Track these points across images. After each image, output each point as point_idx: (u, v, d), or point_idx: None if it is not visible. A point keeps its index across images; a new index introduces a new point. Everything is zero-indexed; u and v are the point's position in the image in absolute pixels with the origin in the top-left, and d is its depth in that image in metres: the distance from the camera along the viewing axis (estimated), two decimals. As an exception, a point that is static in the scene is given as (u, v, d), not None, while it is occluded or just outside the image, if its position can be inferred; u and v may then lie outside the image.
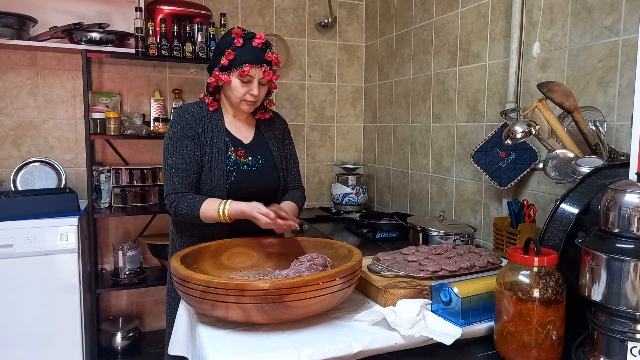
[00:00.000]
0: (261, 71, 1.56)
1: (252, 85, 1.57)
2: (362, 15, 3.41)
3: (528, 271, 0.98)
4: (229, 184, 1.59)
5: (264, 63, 1.56)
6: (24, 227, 2.29)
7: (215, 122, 1.63)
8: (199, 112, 1.63)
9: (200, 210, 1.50)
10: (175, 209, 1.53)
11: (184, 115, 1.61)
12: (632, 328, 0.90)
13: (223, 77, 1.56)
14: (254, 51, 1.55)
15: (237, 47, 1.54)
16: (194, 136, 1.59)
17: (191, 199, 1.52)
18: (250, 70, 1.53)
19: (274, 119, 1.79)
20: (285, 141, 1.80)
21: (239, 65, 1.53)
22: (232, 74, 1.56)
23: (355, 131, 3.48)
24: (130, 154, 2.96)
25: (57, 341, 2.37)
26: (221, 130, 1.63)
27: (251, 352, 1.01)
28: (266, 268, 1.47)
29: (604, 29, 1.65)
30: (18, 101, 2.73)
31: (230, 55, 1.53)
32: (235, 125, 1.69)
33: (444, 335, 1.06)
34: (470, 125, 2.32)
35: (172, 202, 1.54)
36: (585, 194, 1.11)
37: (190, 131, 1.59)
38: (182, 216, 1.54)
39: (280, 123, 1.81)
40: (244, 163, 1.63)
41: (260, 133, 1.73)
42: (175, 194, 1.54)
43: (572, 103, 1.50)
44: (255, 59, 1.54)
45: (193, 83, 3.06)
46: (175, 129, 1.59)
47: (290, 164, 1.78)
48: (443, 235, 1.94)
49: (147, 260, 2.98)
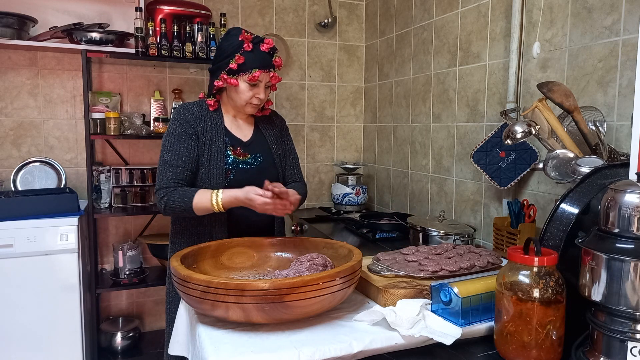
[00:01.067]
0: (269, 76, 1.59)
1: (259, 89, 1.59)
2: (362, 15, 3.41)
3: (528, 271, 0.98)
4: (228, 182, 1.60)
5: (271, 67, 1.59)
6: (24, 227, 2.29)
7: (215, 122, 1.64)
8: (199, 111, 1.64)
9: (193, 201, 1.48)
10: (166, 203, 1.51)
11: (184, 114, 1.62)
12: (632, 328, 0.90)
13: (232, 80, 1.57)
14: (263, 56, 1.57)
15: (247, 52, 1.55)
16: (192, 134, 1.59)
17: (182, 192, 1.51)
18: (259, 75, 1.55)
19: (272, 117, 1.80)
20: (284, 137, 1.81)
21: (248, 70, 1.55)
22: (240, 77, 1.57)
23: (355, 131, 3.48)
24: (130, 154, 2.96)
25: (57, 341, 2.37)
26: (220, 129, 1.64)
27: (251, 352, 1.01)
28: (266, 268, 1.47)
29: (604, 29, 1.65)
30: (18, 101, 2.73)
31: (240, 60, 1.55)
32: (235, 124, 1.70)
33: (444, 335, 1.06)
34: (470, 125, 2.32)
35: (162, 197, 1.52)
36: (585, 194, 1.10)
37: (189, 129, 1.59)
38: (173, 210, 1.51)
39: (278, 120, 1.82)
40: (243, 161, 1.64)
41: (260, 131, 1.74)
42: (167, 188, 1.53)
43: (572, 103, 1.50)
44: (264, 64, 1.57)
45: (193, 83, 3.06)
46: (174, 126, 1.60)
47: (289, 159, 1.79)
48: (443, 235, 1.94)
49: (147, 260, 2.98)
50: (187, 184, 1.58)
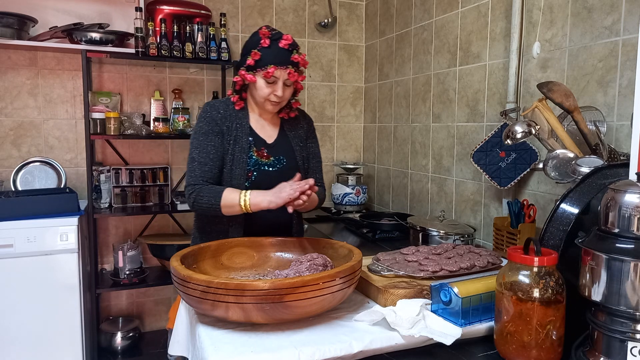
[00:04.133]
0: (286, 72, 1.56)
1: (277, 86, 1.57)
2: (362, 15, 3.41)
3: (528, 271, 0.98)
4: (249, 183, 1.61)
5: (289, 64, 1.56)
6: (24, 227, 2.29)
7: (240, 121, 1.65)
8: (225, 109, 1.65)
9: (221, 201, 1.51)
10: (195, 199, 1.55)
11: (210, 112, 1.64)
12: (632, 328, 0.90)
13: (248, 76, 1.57)
14: (280, 52, 1.55)
15: (264, 48, 1.54)
16: (218, 132, 1.61)
17: (211, 190, 1.54)
18: (274, 72, 1.54)
19: (299, 118, 1.78)
20: (309, 140, 1.80)
21: (263, 65, 1.54)
22: (257, 74, 1.57)
23: (355, 131, 3.48)
24: (130, 154, 2.96)
25: (57, 341, 2.37)
26: (245, 129, 1.64)
27: (251, 352, 1.01)
28: (266, 268, 1.47)
29: (604, 29, 1.65)
30: (18, 101, 2.73)
31: (256, 56, 1.54)
32: (260, 124, 1.70)
33: (444, 335, 1.06)
34: (470, 125, 2.32)
35: (191, 193, 1.56)
36: (585, 194, 1.11)
37: (215, 127, 1.61)
38: (201, 207, 1.54)
39: (305, 122, 1.80)
40: (265, 163, 1.64)
41: (284, 132, 1.73)
42: (195, 185, 1.56)
43: (572, 103, 1.50)
44: (281, 60, 1.55)
45: (193, 83, 3.06)
46: (201, 124, 1.63)
47: (312, 163, 1.79)
48: (443, 235, 1.94)
49: (147, 260, 2.98)
50: (215, 181, 1.60)
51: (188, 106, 3.01)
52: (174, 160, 3.05)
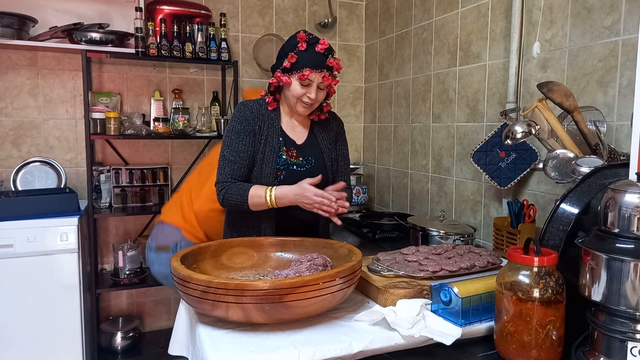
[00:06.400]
0: (320, 76, 1.60)
1: (311, 89, 1.61)
2: (362, 15, 3.41)
3: (528, 271, 0.99)
4: (278, 182, 1.65)
5: (324, 68, 1.60)
6: (24, 227, 2.29)
7: (272, 121, 1.69)
8: (258, 109, 1.70)
9: (248, 197, 1.58)
10: (224, 196, 1.62)
11: (243, 111, 1.68)
12: (632, 328, 0.90)
13: (284, 78, 1.61)
14: (316, 56, 1.59)
15: (300, 51, 1.59)
16: (250, 132, 1.66)
17: (239, 187, 1.61)
18: (309, 75, 1.58)
19: (329, 119, 1.82)
20: (338, 142, 1.84)
21: (300, 68, 1.58)
22: (292, 76, 1.61)
23: (355, 131, 3.48)
24: (130, 154, 2.96)
25: (57, 341, 2.37)
26: (276, 129, 1.69)
27: (251, 352, 1.01)
28: (266, 268, 1.47)
29: (604, 29, 1.65)
30: (18, 101, 2.73)
31: (293, 59, 1.59)
32: (291, 125, 1.74)
33: (444, 335, 1.06)
34: (470, 125, 2.32)
35: (220, 190, 1.63)
36: (585, 194, 1.11)
37: (247, 127, 1.66)
38: (229, 203, 1.62)
39: (335, 124, 1.84)
40: (294, 163, 1.69)
41: (314, 134, 1.77)
42: (224, 182, 1.63)
43: (572, 103, 1.50)
44: (316, 63, 1.59)
45: (193, 83, 3.06)
46: (234, 123, 1.68)
47: (341, 164, 1.84)
48: (443, 235, 1.94)
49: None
50: (244, 179, 1.66)
51: (188, 106, 3.01)
52: (174, 160, 3.05)
